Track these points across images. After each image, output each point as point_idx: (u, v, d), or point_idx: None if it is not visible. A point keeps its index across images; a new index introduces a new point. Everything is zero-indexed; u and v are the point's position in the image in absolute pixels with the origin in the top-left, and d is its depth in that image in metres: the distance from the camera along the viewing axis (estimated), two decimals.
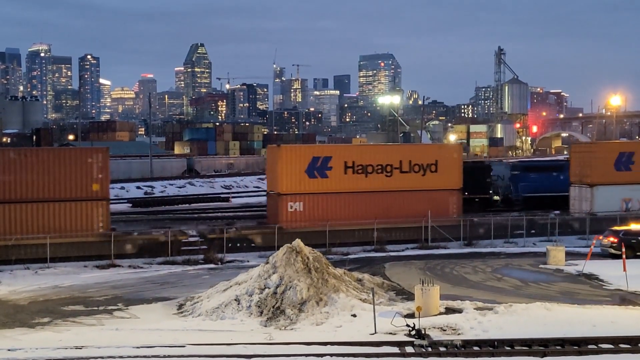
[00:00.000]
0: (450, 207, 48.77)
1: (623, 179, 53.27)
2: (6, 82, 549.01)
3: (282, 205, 45.89)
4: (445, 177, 48.90)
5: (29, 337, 24.89)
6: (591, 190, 52.89)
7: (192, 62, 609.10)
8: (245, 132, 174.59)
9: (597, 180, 52.88)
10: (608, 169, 53.24)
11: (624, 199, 53.02)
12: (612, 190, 52.74)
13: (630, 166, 53.70)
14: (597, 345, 23.36)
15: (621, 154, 54.05)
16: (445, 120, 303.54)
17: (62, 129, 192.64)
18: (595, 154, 54.39)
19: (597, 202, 52.43)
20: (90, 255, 40.88)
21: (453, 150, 51.75)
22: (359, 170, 47.32)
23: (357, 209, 46.75)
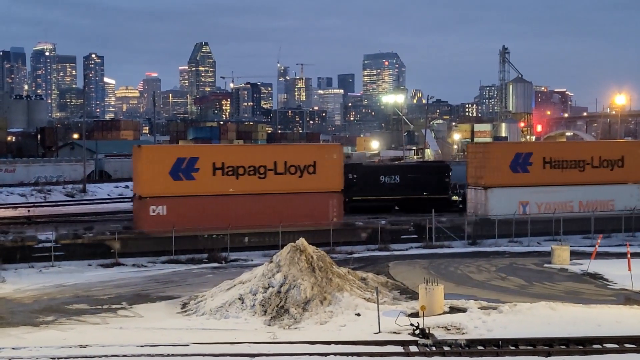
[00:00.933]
0: (330, 211, 46.09)
1: (520, 181, 50.64)
2: (11, 81, 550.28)
3: (144, 209, 43.24)
4: (325, 178, 46.11)
5: (33, 335, 24.93)
6: (485, 193, 50.41)
7: (196, 61, 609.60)
8: (249, 131, 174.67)
9: (492, 182, 50.31)
10: (503, 170, 50.56)
11: (521, 202, 50.31)
12: (508, 193, 50.18)
13: (528, 167, 51.11)
14: (602, 344, 23.32)
15: (518, 154, 51.36)
16: (449, 119, 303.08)
17: (66, 128, 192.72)
18: (489, 155, 51.85)
19: (492, 205, 49.81)
20: (95, 254, 40.93)
21: (332, 151, 48.17)
22: (229, 171, 44.48)
23: (227, 213, 43.71)
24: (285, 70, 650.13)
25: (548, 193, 50.80)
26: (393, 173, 57.50)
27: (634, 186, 52.71)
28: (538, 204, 50.60)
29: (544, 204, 50.58)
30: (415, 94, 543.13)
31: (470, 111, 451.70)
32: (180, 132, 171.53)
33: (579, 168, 51.91)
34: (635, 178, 52.83)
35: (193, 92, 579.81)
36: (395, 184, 56.22)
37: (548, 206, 50.31)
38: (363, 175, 55.79)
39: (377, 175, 57.12)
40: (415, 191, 57.34)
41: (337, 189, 46.84)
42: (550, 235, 47.86)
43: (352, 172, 57.17)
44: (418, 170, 61.17)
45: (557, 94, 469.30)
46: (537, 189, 50.65)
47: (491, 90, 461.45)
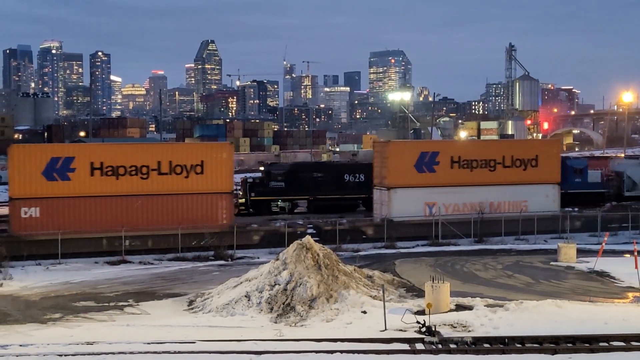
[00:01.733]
0: (219, 212, 44.16)
1: (426, 181, 48.35)
2: (18, 79, 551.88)
3: (15, 211, 41.04)
4: (213, 179, 44.09)
5: (40, 332, 25.00)
6: (388, 193, 48.02)
7: (202, 59, 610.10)
8: (255, 129, 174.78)
9: (395, 183, 47.87)
10: (408, 170, 48.08)
11: (427, 203, 48.11)
12: (413, 194, 47.90)
13: (434, 167, 48.62)
14: (608, 342, 23.28)
15: (423, 153, 48.65)
16: (455, 117, 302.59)
17: (73, 126, 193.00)
18: (392, 154, 48.75)
19: (396, 206, 47.47)
20: (102, 252, 41.01)
21: (222, 150, 45.39)
22: (109, 172, 42.22)
23: (107, 215, 41.96)
24: (292, 68, 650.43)
25: (456, 194, 48.75)
26: (358, 172, 55.97)
27: (549, 186, 50.79)
28: (445, 205, 48.46)
29: (452, 205, 48.68)
30: (422, 91, 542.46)
31: (477, 109, 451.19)
32: (186, 129, 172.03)
33: (489, 168, 49.67)
34: (551, 178, 50.95)
35: (199, 89, 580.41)
36: (360, 182, 54.84)
37: (456, 207, 48.59)
38: (328, 174, 54.87)
39: (341, 174, 55.89)
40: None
41: (227, 190, 44.71)
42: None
43: (318, 171, 56.56)
44: None
45: (563, 92, 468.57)
46: (444, 189, 48.52)
47: (498, 88, 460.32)
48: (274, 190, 54.65)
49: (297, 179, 55.13)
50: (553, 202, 50.55)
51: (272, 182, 54.87)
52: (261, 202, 54.55)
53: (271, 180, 55.03)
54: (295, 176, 55.42)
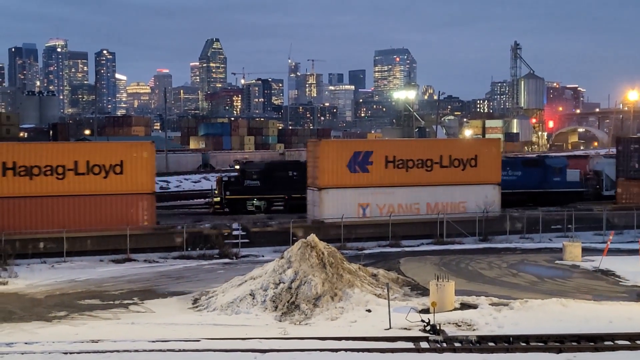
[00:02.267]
0: (140, 214, 42.92)
1: (359, 182, 46.82)
2: (23, 77, 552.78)
3: None
4: (134, 179, 42.83)
5: (45, 330, 25.05)
6: (319, 194, 46.55)
7: (207, 57, 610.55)
8: (260, 127, 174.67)
9: (327, 183, 46.35)
10: (340, 170, 46.58)
11: (361, 204, 46.75)
12: (345, 194, 46.48)
13: (368, 167, 47.07)
14: (613, 341, 23.25)
15: (356, 153, 46.98)
16: (460, 116, 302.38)
17: (78, 124, 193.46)
18: (324, 154, 46.93)
19: (327, 207, 46.07)
20: (107, 250, 41.06)
21: (142, 149, 43.67)
22: (22, 172, 40.81)
23: (21, 217, 40.59)
24: (296, 67, 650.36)
25: (391, 194, 47.38)
26: None
27: (488, 187, 49.43)
28: (380, 205, 47.13)
29: (387, 206, 47.27)
30: (427, 90, 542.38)
31: (482, 107, 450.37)
32: (191, 128, 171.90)
33: (426, 168, 48.31)
34: (491, 178, 49.68)
35: (204, 88, 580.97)
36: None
37: (391, 208, 47.22)
38: (303, 173, 54.31)
39: None
40: None
41: (148, 190, 43.54)
42: (563, 232, 47.65)
43: (293, 169, 55.98)
44: None
45: (569, 90, 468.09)
46: (378, 189, 47.14)
47: (503, 86, 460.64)
48: (250, 189, 54.37)
49: (273, 178, 54.84)
50: (493, 202, 49.30)
51: (247, 181, 54.43)
52: (236, 201, 54.23)
53: (246, 178, 54.55)
54: (270, 175, 55.12)
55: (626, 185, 55.52)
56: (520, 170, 59.11)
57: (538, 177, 59.18)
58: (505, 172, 58.68)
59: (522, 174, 59.10)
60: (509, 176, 57.94)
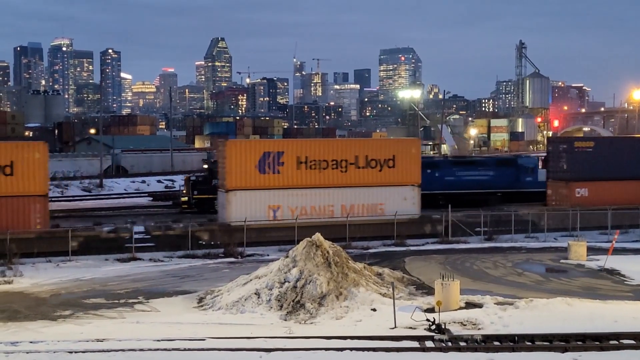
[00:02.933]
0: (32, 217, 40.94)
1: (269, 183, 45.05)
2: (28, 76, 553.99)
3: None
4: (25, 181, 40.96)
5: (50, 329, 25.08)
6: (227, 196, 44.68)
7: (212, 57, 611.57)
8: (265, 126, 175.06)
9: (235, 185, 44.58)
10: (249, 171, 44.76)
11: (271, 206, 44.98)
12: (255, 196, 44.70)
13: (279, 168, 45.27)
14: (618, 340, 23.21)
15: (266, 153, 45.10)
16: (465, 115, 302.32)
17: (83, 123, 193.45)
18: (232, 154, 45.20)
19: (235, 209, 44.13)
20: (112, 248, 41.09)
21: (35, 150, 41.58)
22: None
23: None
24: (302, 66, 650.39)
25: (303, 196, 45.56)
26: None
27: (407, 188, 47.44)
28: (292, 208, 45.21)
29: (299, 208, 45.31)
30: (432, 89, 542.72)
31: (487, 106, 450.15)
32: (196, 127, 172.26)
33: (340, 169, 46.26)
34: (410, 179, 47.60)
35: (209, 87, 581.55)
36: None
37: (304, 210, 45.30)
38: None
39: None
40: None
41: (41, 193, 41.60)
42: (566, 231, 47.55)
43: None
44: None
45: (574, 89, 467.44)
46: (290, 191, 45.34)
47: (508, 86, 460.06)
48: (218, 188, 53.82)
49: None
50: (412, 204, 47.30)
51: (215, 180, 52.54)
52: (204, 200, 53.44)
53: (214, 177, 52.81)
54: None
55: (555, 187, 54.14)
56: (493, 170, 59.10)
57: (511, 176, 59.30)
58: (479, 172, 58.87)
59: (495, 174, 59.19)
60: (482, 176, 58.08)
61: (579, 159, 53.72)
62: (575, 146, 54.38)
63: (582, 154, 53.71)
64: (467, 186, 57.90)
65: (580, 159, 53.72)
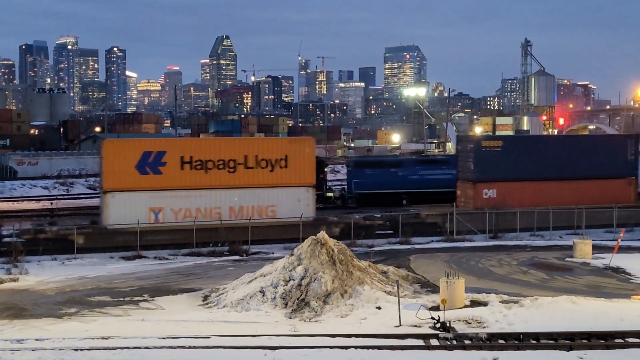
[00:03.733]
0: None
1: (150, 184, 42.98)
2: (34, 74, 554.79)
3: None
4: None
5: (56, 327, 25.13)
6: (104, 198, 42.94)
7: (217, 55, 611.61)
8: (270, 124, 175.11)
9: (113, 186, 42.61)
10: (128, 171, 42.73)
11: (153, 209, 43.06)
12: (134, 198, 42.70)
13: (161, 168, 43.36)
14: (624, 339, 23.16)
15: (146, 153, 43.15)
16: (471, 113, 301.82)
17: (88, 121, 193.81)
18: (109, 154, 43.38)
19: (113, 212, 42.29)
20: (116, 247, 41.15)
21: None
22: None
23: None
24: (306, 64, 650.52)
25: (188, 198, 43.80)
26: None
27: (301, 189, 45.61)
28: (175, 210, 43.42)
29: (184, 210, 43.59)
30: (437, 87, 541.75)
31: (492, 104, 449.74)
32: (201, 125, 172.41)
33: (228, 169, 44.43)
34: (304, 180, 45.72)
35: (214, 85, 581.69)
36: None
37: (188, 212, 43.51)
38: None
39: None
40: None
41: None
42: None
43: None
44: None
45: (579, 87, 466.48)
46: (172, 193, 43.48)
47: (513, 83, 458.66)
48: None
49: None
50: (307, 206, 45.37)
51: None
52: None
53: None
54: None
55: (463, 188, 51.73)
56: (455, 169, 58.70)
57: None
58: (442, 171, 58.29)
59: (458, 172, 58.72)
60: (446, 175, 57.18)
61: (486, 159, 50.60)
62: (482, 145, 51.48)
63: (490, 154, 50.70)
64: (430, 185, 57.18)
65: (488, 158, 50.61)
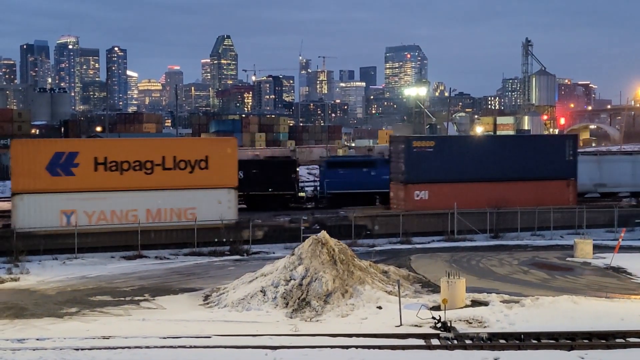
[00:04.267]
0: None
1: (62, 186, 41.48)
2: (35, 74, 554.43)
3: None
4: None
5: (57, 327, 25.15)
6: (13, 200, 41.24)
7: (218, 54, 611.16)
8: (271, 124, 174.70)
9: (21, 187, 40.99)
10: (38, 173, 41.19)
11: (64, 211, 41.48)
12: (45, 200, 41.20)
13: (73, 170, 41.82)
14: (624, 339, 23.18)
15: (58, 154, 41.63)
16: (471, 112, 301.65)
17: (89, 121, 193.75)
18: (18, 154, 41.63)
19: (22, 214, 40.78)
20: (119, 246, 41.15)
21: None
22: None
23: None
24: (307, 63, 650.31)
25: (103, 200, 42.32)
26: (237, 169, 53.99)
27: (223, 191, 44.29)
28: (88, 213, 41.89)
29: (98, 213, 42.15)
30: (438, 86, 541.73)
31: (493, 104, 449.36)
32: (202, 124, 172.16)
33: (145, 170, 43.04)
34: (225, 181, 44.46)
35: (215, 85, 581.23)
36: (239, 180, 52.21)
37: (102, 215, 42.20)
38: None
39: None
40: (260, 187, 53.65)
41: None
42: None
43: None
44: (263, 165, 56.84)
45: (580, 87, 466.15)
46: (85, 195, 41.96)
47: (514, 83, 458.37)
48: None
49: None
50: (228, 208, 44.10)
51: None
52: None
53: None
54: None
55: (395, 189, 50.43)
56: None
57: None
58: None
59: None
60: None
61: (418, 160, 48.96)
62: (413, 146, 49.34)
63: (421, 155, 48.96)
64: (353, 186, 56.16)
65: (419, 159, 48.94)
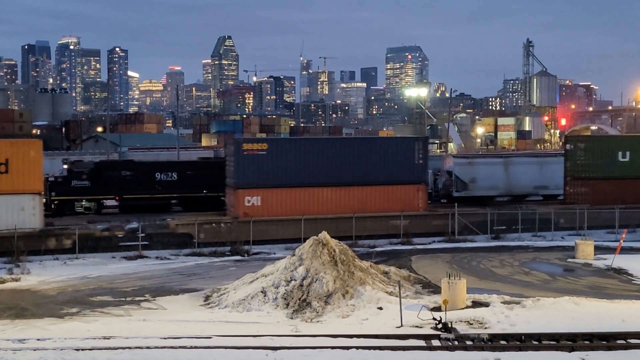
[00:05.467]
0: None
1: None
2: (36, 74, 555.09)
3: None
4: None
5: (57, 327, 25.15)
6: None
7: (219, 55, 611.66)
8: (272, 125, 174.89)
9: None
10: None
11: None
12: None
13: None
14: (625, 340, 23.15)
15: None
16: (472, 113, 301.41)
17: (90, 121, 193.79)
18: None
19: None
20: (119, 247, 41.15)
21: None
22: None
23: None
24: (308, 64, 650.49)
25: None
26: (170, 170, 51.96)
27: (26, 197, 41.31)
28: None
29: None
30: (439, 87, 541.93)
31: (494, 105, 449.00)
32: (203, 125, 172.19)
33: None
34: (29, 187, 41.46)
35: (216, 85, 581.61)
36: (173, 182, 50.36)
37: None
38: (137, 172, 50.94)
39: (152, 173, 51.57)
40: (194, 189, 52.26)
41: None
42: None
43: (126, 168, 52.48)
44: (197, 167, 55.44)
45: (581, 88, 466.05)
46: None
47: (515, 84, 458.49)
48: (78, 189, 50.42)
49: (103, 178, 51.06)
50: (32, 216, 41.16)
51: (75, 181, 50.28)
52: (64, 202, 50.34)
53: (74, 179, 50.39)
54: (100, 175, 51.23)
55: (228, 194, 48.84)
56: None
57: None
58: None
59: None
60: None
61: (249, 163, 46.50)
62: (244, 148, 46.87)
63: (253, 158, 46.52)
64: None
65: (251, 163, 46.49)
